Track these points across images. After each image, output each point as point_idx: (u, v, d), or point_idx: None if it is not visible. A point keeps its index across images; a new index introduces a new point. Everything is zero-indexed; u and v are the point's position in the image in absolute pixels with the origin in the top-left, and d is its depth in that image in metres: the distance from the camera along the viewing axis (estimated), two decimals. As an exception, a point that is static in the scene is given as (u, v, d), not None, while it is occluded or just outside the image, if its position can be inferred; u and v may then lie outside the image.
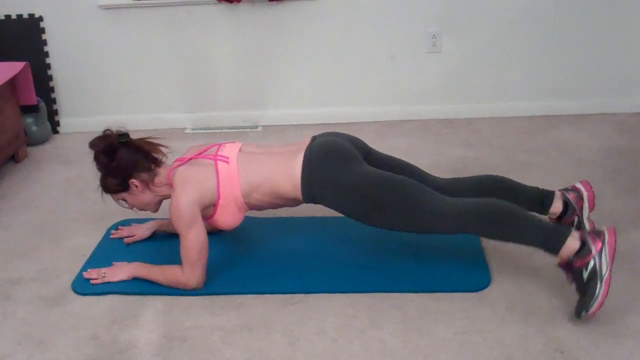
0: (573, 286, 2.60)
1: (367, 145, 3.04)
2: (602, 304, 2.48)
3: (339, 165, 2.78)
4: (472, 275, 2.87)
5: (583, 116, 4.56)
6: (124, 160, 2.86)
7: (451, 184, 3.02)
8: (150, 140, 2.95)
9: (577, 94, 4.61)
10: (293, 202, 2.92)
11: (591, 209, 2.97)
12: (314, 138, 2.95)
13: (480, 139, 4.32)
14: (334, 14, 4.48)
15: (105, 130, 2.90)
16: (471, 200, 2.76)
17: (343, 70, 4.62)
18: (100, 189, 2.95)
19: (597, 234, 2.55)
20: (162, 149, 2.96)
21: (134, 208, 3.02)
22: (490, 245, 3.06)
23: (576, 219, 2.95)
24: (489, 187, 2.99)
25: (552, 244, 2.60)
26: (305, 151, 2.84)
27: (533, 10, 4.44)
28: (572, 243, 2.57)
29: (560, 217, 2.97)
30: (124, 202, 3.00)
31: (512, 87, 4.63)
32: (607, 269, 2.49)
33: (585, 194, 2.97)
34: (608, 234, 2.54)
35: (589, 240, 2.54)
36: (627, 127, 4.37)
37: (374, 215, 2.78)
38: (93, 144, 2.88)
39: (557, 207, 2.97)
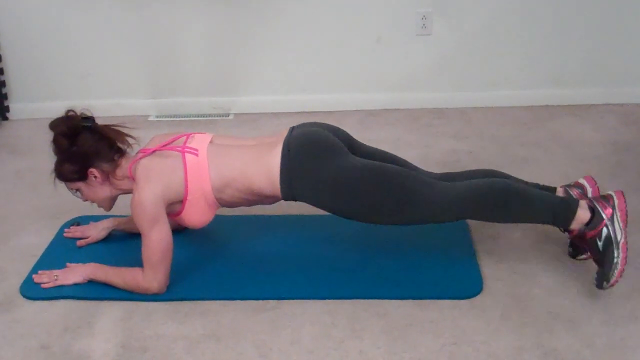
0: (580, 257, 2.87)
1: (351, 136, 3.05)
2: (622, 271, 2.62)
3: (322, 158, 2.78)
4: (462, 281, 2.88)
5: (586, 106, 4.59)
6: (85, 146, 2.85)
7: (443, 178, 3.03)
8: (117, 128, 2.93)
9: (580, 82, 4.64)
10: (269, 200, 2.92)
11: None
12: (292, 129, 2.94)
13: (474, 131, 4.33)
14: (315, -8, 4.49)
15: (68, 111, 2.88)
16: (469, 183, 2.83)
17: (323, 53, 4.61)
18: (53, 174, 2.93)
19: (606, 200, 2.70)
20: (129, 139, 2.94)
21: (88, 200, 3.00)
22: (482, 248, 3.07)
23: None
24: None
25: (562, 219, 2.74)
26: (283, 144, 2.83)
27: (533, -11, 4.46)
28: (582, 214, 2.71)
29: None
30: (78, 193, 2.98)
31: (510, 74, 4.65)
32: (621, 234, 2.65)
33: (589, 190, 2.99)
34: (617, 197, 2.70)
35: (599, 207, 2.69)
36: (633, 118, 4.40)
37: (364, 210, 2.81)
38: (54, 125, 2.86)
39: None
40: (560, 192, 3.01)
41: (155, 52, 4.64)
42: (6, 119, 4.72)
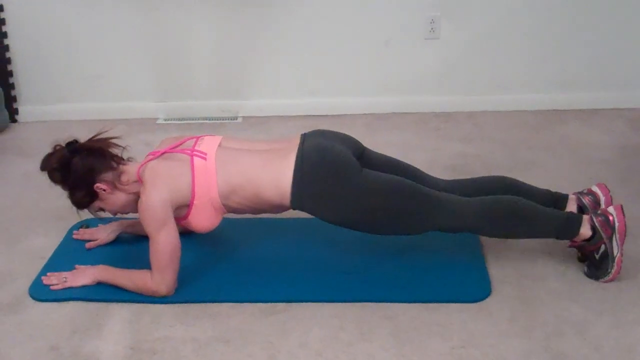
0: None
1: (361, 144, 3.04)
2: (613, 279, 2.83)
3: (337, 181, 2.78)
4: (471, 284, 2.87)
5: (594, 111, 4.58)
6: (78, 168, 2.84)
7: (453, 185, 3.03)
8: (99, 136, 2.92)
9: (589, 86, 4.63)
10: (276, 209, 2.92)
11: None
12: (303, 138, 2.92)
13: (482, 135, 4.32)
14: (323, -5, 4.49)
15: (55, 146, 2.89)
16: (478, 200, 2.86)
17: (332, 57, 4.61)
18: (74, 208, 2.94)
19: (606, 220, 2.81)
20: (115, 141, 2.93)
21: (117, 214, 3.01)
22: (491, 251, 3.07)
23: None
24: (495, 190, 3.01)
25: (565, 236, 2.88)
26: (296, 160, 2.81)
27: (541, -7, 4.46)
28: (584, 232, 2.84)
29: None
30: (104, 212, 2.99)
31: (517, 78, 4.64)
32: (617, 250, 2.81)
33: (602, 198, 3.00)
34: (617, 219, 2.81)
35: (599, 227, 2.81)
36: (642, 123, 4.40)
37: (379, 225, 2.84)
38: (44, 165, 2.87)
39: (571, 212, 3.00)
40: (572, 200, 3.02)
41: (164, 55, 4.64)
42: (15, 121, 4.72)
